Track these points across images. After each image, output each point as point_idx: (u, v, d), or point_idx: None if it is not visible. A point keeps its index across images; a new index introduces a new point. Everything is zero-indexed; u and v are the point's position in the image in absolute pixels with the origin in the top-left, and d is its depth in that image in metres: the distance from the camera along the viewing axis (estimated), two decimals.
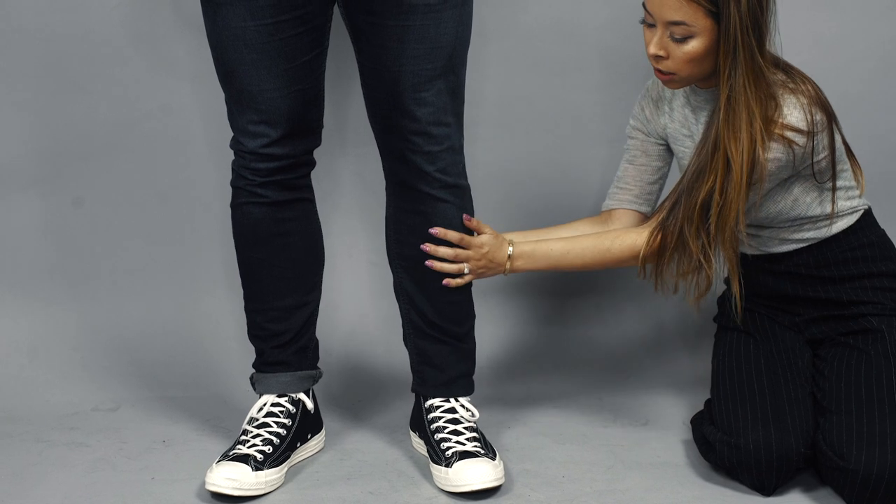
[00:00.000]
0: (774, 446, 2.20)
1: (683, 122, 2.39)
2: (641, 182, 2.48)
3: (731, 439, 2.24)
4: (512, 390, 2.77)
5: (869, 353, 2.31)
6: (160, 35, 2.80)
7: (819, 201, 2.34)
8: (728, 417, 2.28)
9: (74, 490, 2.30)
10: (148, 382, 2.79)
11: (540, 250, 2.38)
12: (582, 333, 2.94)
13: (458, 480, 2.26)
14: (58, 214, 2.88)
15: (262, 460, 2.29)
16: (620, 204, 2.49)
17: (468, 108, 2.34)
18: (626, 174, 2.49)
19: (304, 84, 2.25)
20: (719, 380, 2.38)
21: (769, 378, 2.31)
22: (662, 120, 2.43)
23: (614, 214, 2.50)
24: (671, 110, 2.41)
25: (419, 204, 2.31)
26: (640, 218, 2.48)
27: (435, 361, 2.40)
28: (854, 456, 2.14)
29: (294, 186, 2.33)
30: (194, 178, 2.87)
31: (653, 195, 2.50)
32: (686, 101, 2.38)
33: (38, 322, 2.87)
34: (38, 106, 2.83)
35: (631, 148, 2.49)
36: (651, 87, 2.46)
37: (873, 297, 2.37)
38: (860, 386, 2.25)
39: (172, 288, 2.91)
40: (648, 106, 2.46)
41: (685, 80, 2.27)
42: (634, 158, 2.49)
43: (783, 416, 2.23)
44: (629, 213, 2.49)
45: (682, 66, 2.23)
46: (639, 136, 2.48)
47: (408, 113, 2.22)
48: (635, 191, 2.48)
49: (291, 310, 2.38)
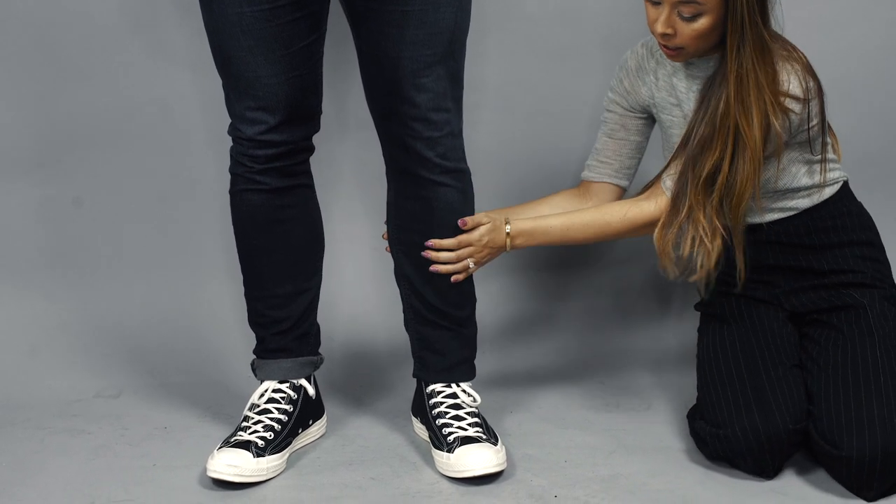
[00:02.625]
0: (762, 430, 2.20)
1: (670, 90, 2.39)
2: (621, 156, 2.50)
3: (720, 431, 2.24)
4: (514, 375, 2.77)
5: (853, 333, 2.31)
6: (160, 22, 2.79)
7: (807, 172, 2.34)
8: (713, 409, 2.28)
9: (76, 477, 2.31)
10: (149, 369, 2.78)
11: (539, 228, 2.39)
12: (584, 318, 2.94)
13: (459, 466, 2.26)
14: (58, 202, 2.87)
15: (264, 446, 2.29)
16: (600, 177, 2.51)
17: (469, 93, 2.34)
18: (606, 148, 2.50)
19: (302, 70, 2.24)
20: (701, 373, 2.38)
21: (747, 362, 2.30)
22: (645, 90, 2.43)
23: (592, 187, 2.52)
24: (656, 79, 2.41)
25: (420, 189, 2.31)
26: (619, 192, 2.51)
27: (436, 347, 2.40)
28: (846, 443, 2.14)
29: (293, 173, 2.32)
30: (195, 165, 2.86)
31: (631, 169, 2.51)
32: (675, 71, 2.38)
33: (40, 310, 2.87)
34: (37, 94, 2.82)
35: (609, 121, 2.50)
36: (629, 57, 2.46)
37: (854, 265, 2.38)
38: (846, 370, 2.25)
39: (173, 275, 2.91)
40: (628, 77, 2.45)
41: (692, 54, 2.28)
42: (613, 132, 2.49)
43: (766, 398, 2.23)
44: (608, 186, 2.51)
45: (690, 42, 2.24)
46: (617, 109, 2.48)
47: (407, 99, 2.22)
48: (615, 165, 2.50)
49: (292, 296, 2.38)
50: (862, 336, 2.30)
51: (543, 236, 2.40)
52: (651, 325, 2.92)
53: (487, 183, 2.64)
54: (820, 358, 2.30)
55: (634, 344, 2.88)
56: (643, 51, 2.44)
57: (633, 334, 2.90)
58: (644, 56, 2.43)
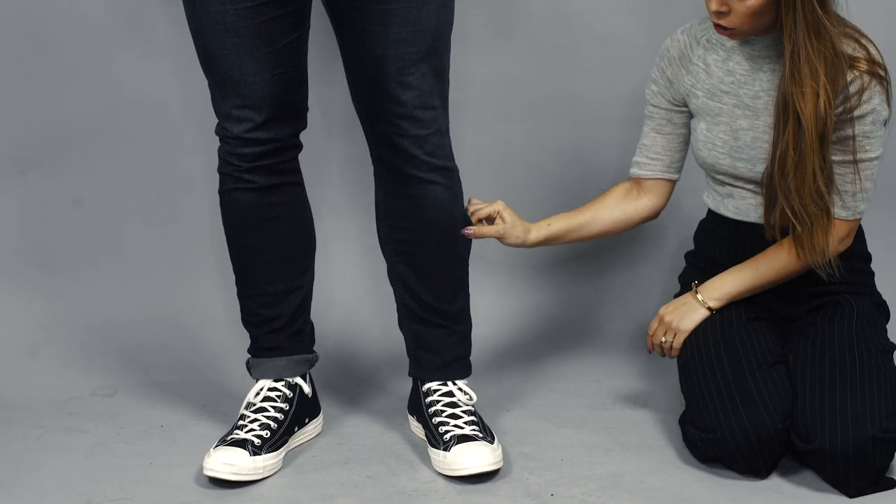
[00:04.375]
0: (751, 431, 2.19)
1: (726, 74, 2.33)
2: (671, 151, 2.44)
3: (710, 435, 2.24)
4: (510, 373, 2.77)
5: (832, 331, 2.30)
6: (152, 20, 2.79)
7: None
8: (700, 414, 2.27)
9: (72, 475, 2.30)
10: (145, 368, 2.78)
11: (734, 283, 2.37)
12: (581, 316, 2.94)
13: (456, 464, 2.26)
14: (52, 201, 2.87)
15: (260, 445, 2.28)
16: (653, 174, 2.45)
17: (462, 91, 2.33)
18: (655, 143, 2.44)
19: (286, 67, 2.24)
20: (685, 376, 2.36)
21: (731, 364, 2.28)
22: (688, 79, 2.37)
23: (645, 184, 2.45)
24: (706, 66, 2.35)
25: (409, 188, 2.30)
26: (671, 186, 2.46)
27: (431, 345, 2.40)
28: (818, 436, 2.15)
29: (281, 170, 2.32)
30: (188, 164, 2.86)
31: (681, 162, 2.46)
32: (729, 55, 2.32)
33: (35, 309, 2.87)
34: (30, 93, 2.82)
35: (655, 116, 2.43)
36: (670, 45, 2.39)
37: (849, 278, 2.36)
38: (823, 367, 2.24)
39: (169, 274, 2.90)
40: (670, 66, 2.39)
41: (746, 33, 2.23)
42: (661, 127, 2.43)
43: (752, 399, 2.22)
44: (661, 182, 2.45)
45: (744, 20, 2.19)
46: (662, 103, 2.42)
47: (393, 97, 2.21)
48: (666, 160, 2.45)
49: (284, 294, 2.38)
50: (841, 334, 2.29)
51: (734, 284, 2.37)
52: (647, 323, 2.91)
53: (475, 182, 2.62)
54: (797, 357, 2.30)
55: (631, 342, 2.87)
56: (685, 38, 2.38)
57: (631, 332, 2.90)
58: (686, 43, 2.37)
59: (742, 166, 2.32)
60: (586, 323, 2.93)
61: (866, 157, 2.25)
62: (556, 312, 2.95)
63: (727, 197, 2.39)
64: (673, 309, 2.40)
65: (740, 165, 2.32)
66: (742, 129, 2.31)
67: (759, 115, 2.30)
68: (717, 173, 2.37)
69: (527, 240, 2.42)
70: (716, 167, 2.36)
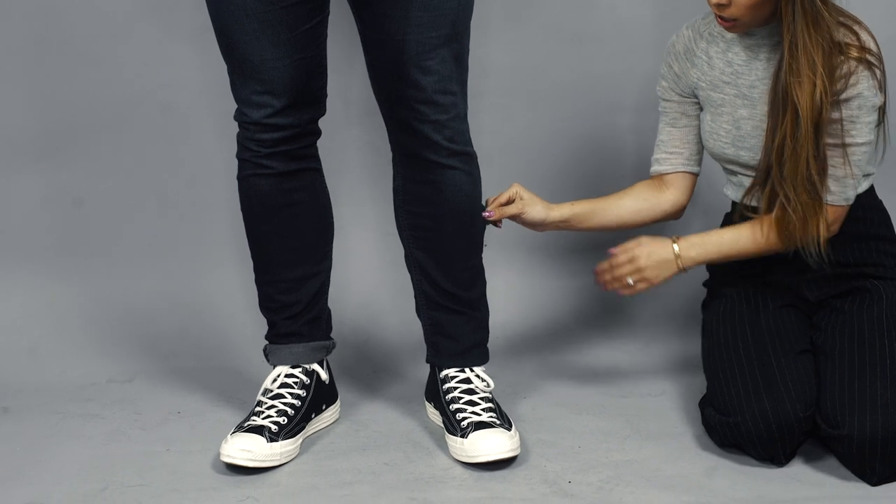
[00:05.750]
0: (772, 417, 2.19)
1: (727, 65, 2.35)
2: (688, 144, 2.45)
3: (729, 419, 2.24)
4: (527, 360, 2.76)
5: (861, 318, 2.30)
6: (169, 7, 2.78)
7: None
8: (722, 397, 2.27)
9: (90, 461, 2.31)
10: (162, 354, 2.79)
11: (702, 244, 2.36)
12: (599, 304, 2.93)
13: (473, 451, 2.25)
14: (70, 188, 2.87)
15: (277, 431, 2.29)
16: (674, 168, 2.45)
17: (480, 78, 2.33)
18: (672, 138, 2.45)
19: (307, 53, 2.23)
20: (709, 360, 2.36)
21: (756, 349, 2.29)
22: (695, 73, 2.38)
23: (667, 179, 2.46)
24: (709, 58, 2.37)
25: (428, 173, 2.30)
26: (693, 178, 2.46)
27: (449, 331, 2.39)
28: (847, 422, 2.14)
29: (300, 156, 2.32)
30: (208, 150, 2.86)
31: (700, 154, 2.46)
32: (729, 46, 2.34)
33: (53, 295, 2.87)
34: (48, 81, 2.82)
35: (668, 111, 2.45)
36: (676, 41, 2.41)
37: (877, 259, 2.37)
38: (853, 354, 2.24)
39: (186, 260, 2.91)
40: (676, 62, 2.41)
41: (747, 24, 2.25)
42: (676, 121, 2.44)
43: (776, 385, 2.22)
44: (683, 175, 2.46)
45: (744, 11, 2.21)
46: (673, 97, 2.43)
47: (413, 82, 2.21)
48: (686, 153, 2.45)
49: (302, 280, 2.38)
50: (871, 321, 2.28)
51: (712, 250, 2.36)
52: (666, 310, 2.91)
53: (494, 169, 2.61)
54: (826, 344, 2.29)
55: (651, 329, 2.86)
56: (689, 32, 2.40)
57: (650, 319, 2.89)
58: (691, 38, 2.39)
59: (745, 154, 2.33)
60: (604, 310, 2.92)
61: (853, 142, 2.24)
62: (574, 300, 2.95)
63: (739, 186, 2.39)
64: (653, 263, 2.36)
65: (743, 154, 2.33)
66: (743, 119, 2.33)
67: (755, 105, 2.31)
68: (725, 163, 2.39)
69: (548, 216, 2.41)
70: (722, 156, 2.37)
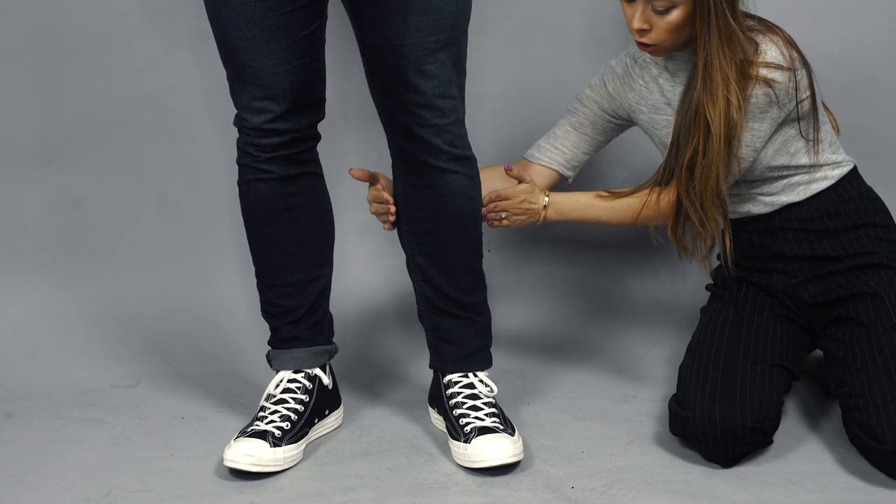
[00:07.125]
0: (718, 420, 2.22)
1: (661, 92, 2.41)
2: (577, 150, 2.52)
3: (683, 411, 2.28)
4: (531, 365, 2.76)
5: (876, 326, 2.31)
6: (172, 11, 2.79)
7: (806, 151, 2.36)
8: (683, 390, 2.31)
9: (93, 466, 2.31)
10: (166, 359, 2.79)
11: (568, 200, 2.43)
12: (602, 309, 2.93)
13: (476, 456, 2.25)
14: (74, 191, 2.87)
15: (281, 436, 2.29)
16: (549, 162, 2.52)
17: (479, 82, 2.33)
18: (566, 136, 2.52)
19: (306, 58, 2.24)
20: (686, 355, 2.41)
21: (728, 353, 2.33)
22: (633, 96, 2.45)
23: (533, 168, 2.52)
24: (645, 83, 2.43)
25: (429, 178, 2.30)
26: (558, 180, 2.53)
27: (451, 337, 2.39)
28: (889, 437, 2.15)
29: (300, 161, 2.32)
30: (211, 155, 2.86)
31: (580, 164, 2.54)
32: (661, 70, 2.41)
33: (56, 299, 2.88)
34: (51, 83, 2.83)
35: (579, 113, 2.51)
36: (616, 64, 2.49)
37: (869, 246, 2.39)
38: (877, 364, 2.25)
39: (189, 265, 2.91)
40: (613, 81, 2.48)
41: (668, 48, 2.32)
42: (580, 126, 2.51)
43: (732, 391, 2.25)
44: (549, 171, 2.52)
45: (665, 35, 2.28)
46: (593, 107, 2.50)
47: (413, 87, 2.21)
48: (568, 155, 2.52)
49: (303, 285, 2.38)
50: (887, 332, 2.30)
51: (572, 209, 2.43)
52: (669, 315, 2.91)
53: None
54: (848, 356, 2.30)
55: (652, 335, 2.87)
56: (628, 59, 2.48)
57: (653, 325, 2.89)
58: (629, 64, 2.47)
59: None
60: (607, 316, 2.92)
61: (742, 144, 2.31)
62: (578, 305, 2.95)
63: None
64: (522, 209, 2.42)
65: None
66: None
67: None
68: None
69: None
70: None
